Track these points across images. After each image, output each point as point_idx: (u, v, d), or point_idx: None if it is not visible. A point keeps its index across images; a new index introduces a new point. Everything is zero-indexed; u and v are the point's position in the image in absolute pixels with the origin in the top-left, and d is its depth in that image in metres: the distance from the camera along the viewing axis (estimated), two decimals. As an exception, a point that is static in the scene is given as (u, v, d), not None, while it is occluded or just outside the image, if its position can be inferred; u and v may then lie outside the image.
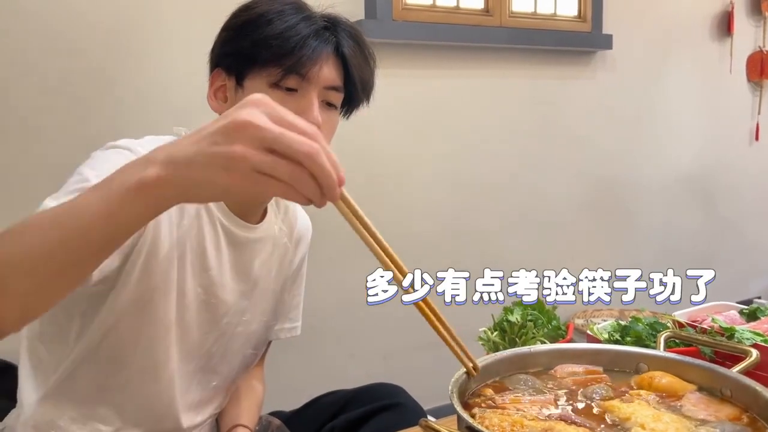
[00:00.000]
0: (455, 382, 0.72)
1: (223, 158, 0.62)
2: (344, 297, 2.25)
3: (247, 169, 0.62)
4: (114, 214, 0.67)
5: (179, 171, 0.65)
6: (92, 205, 0.69)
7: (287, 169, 0.62)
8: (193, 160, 0.64)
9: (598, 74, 2.92)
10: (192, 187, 0.65)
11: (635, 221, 3.14)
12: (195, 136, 0.66)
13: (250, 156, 0.62)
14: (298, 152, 0.62)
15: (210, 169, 0.63)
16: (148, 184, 0.65)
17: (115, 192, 0.67)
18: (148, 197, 0.66)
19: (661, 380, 0.80)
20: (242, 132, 0.62)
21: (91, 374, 1.07)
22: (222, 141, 0.63)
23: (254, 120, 0.62)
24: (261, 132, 0.62)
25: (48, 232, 0.70)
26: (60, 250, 0.69)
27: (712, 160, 3.37)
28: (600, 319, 2.77)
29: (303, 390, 1.55)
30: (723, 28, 3.32)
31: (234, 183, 0.63)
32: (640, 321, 1.22)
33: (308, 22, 1.08)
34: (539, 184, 2.77)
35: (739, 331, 1.15)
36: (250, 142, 0.62)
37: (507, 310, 1.27)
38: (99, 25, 1.82)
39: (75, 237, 0.69)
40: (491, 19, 2.54)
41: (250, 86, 1.08)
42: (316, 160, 0.62)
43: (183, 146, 0.66)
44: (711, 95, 3.32)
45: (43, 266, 0.69)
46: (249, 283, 1.19)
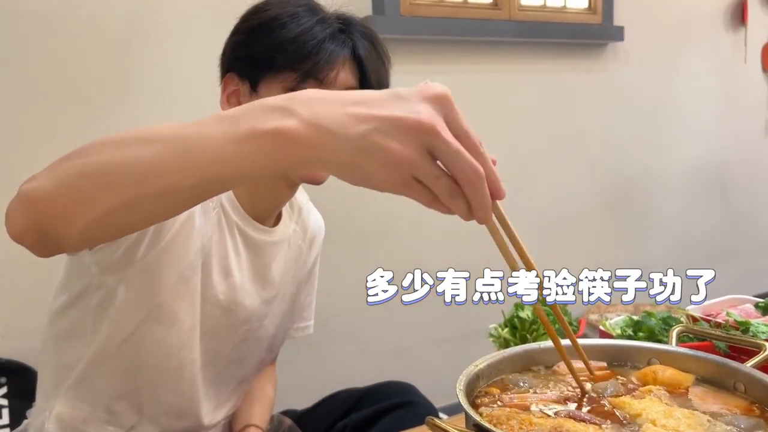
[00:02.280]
0: (463, 380, 0.72)
1: (392, 156, 0.57)
2: (355, 294, 2.24)
3: (409, 174, 0.58)
4: (234, 151, 0.60)
5: (327, 141, 0.58)
6: (214, 135, 0.61)
7: (447, 187, 0.59)
8: (350, 139, 0.57)
9: (610, 67, 2.89)
10: (335, 164, 0.59)
11: (649, 215, 3.11)
12: (353, 108, 0.58)
13: (421, 165, 0.57)
14: (465, 177, 0.58)
15: (370, 159, 0.57)
16: (287, 136, 0.58)
17: (242, 130, 0.60)
18: (277, 150, 0.59)
19: (664, 373, 0.79)
20: (422, 136, 0.57)
21: (112, 376, 1.07)
22: (396, 135, 0.57)
23: (439, 127, 0.57)
24: (442, 144, 0.57)
25: (153, 151, 0.64)
26: (159, 176, 0.63)
27: (727, 152, 3.33)
28: (615, 314, 2.75)
29: (314, 388, 1.55)
30: (737, 18, 3.28)
31: (390, 181, 0.58)
32: (653, 316, 1.20)
33: (323, 24, 1.06)
34: (551, 179, 2.75)
35: (754, 324, 1.13)
36: (425, 148, 0.57)
37: (518, 307, 1.26)
38: (108, 28, 1.82)
39: (179, 168, 0.63)
40: (500, 13, 2.53)
41: (264, 92, 1.06)
42: (477, 188, 0.58)
43: (335, 113, 0.58)
44: (725, 86, 3.28)
45: (134, 185, 0.64)
46: (268, 288, 1.18)
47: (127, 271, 1.00)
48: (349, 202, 2.02)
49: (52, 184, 0.68)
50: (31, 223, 0.70)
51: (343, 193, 1.37)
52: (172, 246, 1.01)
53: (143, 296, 1.02)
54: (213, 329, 1.11)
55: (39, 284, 1.26)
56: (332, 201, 1.44)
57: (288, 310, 1.27)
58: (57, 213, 0.68)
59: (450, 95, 0.59)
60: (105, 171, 0.66)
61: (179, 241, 1.02)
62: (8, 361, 1.73)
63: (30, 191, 0.69)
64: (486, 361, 0.80)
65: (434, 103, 0.58)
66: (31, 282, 1.68)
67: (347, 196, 1.58)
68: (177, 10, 1.91)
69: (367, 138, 0.57)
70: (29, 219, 0.70)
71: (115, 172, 0.65)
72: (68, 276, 1.07)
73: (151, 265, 1.01)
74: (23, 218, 0.70)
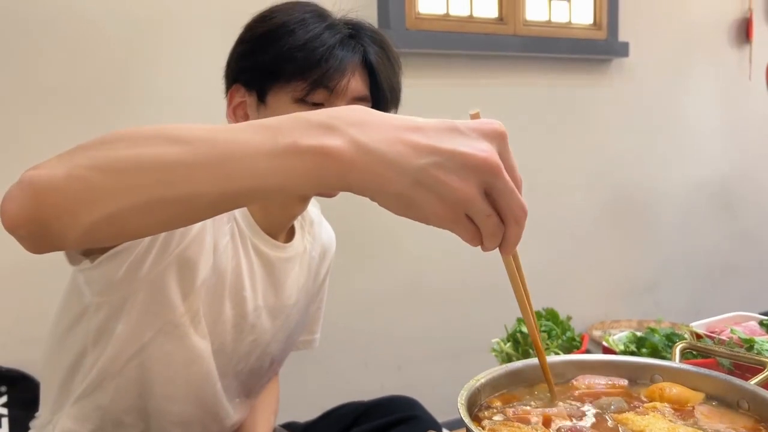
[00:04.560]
0: (464, 394, 0.71)
1: (453, 193, 0.55)
2: (359, 307, 2.25)
3: (462, 211, 0.56)
4: (271, 165, 0.56)
5: (381, 168, 0.55)
6: (250, 145, 0.57)
7: (495, 225, 0.58)
8: (409, 171, 0.54)
9: (615, 82, 2.90)
10: (384, 193, 0.56)
11: (653, 231, 3.10)
12: (410, 136, 0.55)
13: (477, 203, 0.56)
14: (514, 215, 0.58)
15: (427, 193, 0.55)
16: (333, 156, 0.55)
17: (283, 144, 0.56)
18: (318, 169, 0.55)
19: (671, 390, 0.78)
20: (485, 174, 0.55)
21: (119, 392, 1.05)
22: (459, 171, 0.55)
23: (499, 165, 0.56)
24: (501, 184, 0.56)
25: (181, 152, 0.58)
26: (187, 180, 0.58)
27: (732, 169, 3.33)
28: (618, 330, 2.74)
29: (317, 401, 1.54)
30: (741, 34, 3.29)
31: (442, 217, 0.56)
32: (656, 332, 1.20)
33: (332, 30, 1.03)
34: (555, 193, 2.75)
35: (759, 342, 1.12)
36: (483, 186, 0.56)
37: (520, 321, 1.26)
38: (113, 37, 1.83)
39: (209, 174, 0.57)
40: (505, 28, 2.54)
41: (273, 102, 1.04)
42: (521, 226, 0.59)
43: (390, 139, 0.55)
44: (730, 103, 3.29)
45: (155, 186, 0.59)
46: (280, 303, 1.17)
47: (132, 287, 0.98)
48: (355, 215, 2.02)
49: (63, 174, 0.61)
50: (31, 212, 0.62)
51: (348, 205, 1.37)
52: (180, 260, 0.99)
53: (151, 313, 1.00)
54: (223, 344, 1.10)
55: (40, 293, 1.26)
56: (338, 213, 1.44)
57: (298, 323, 1.26)
58: (64, 205, 0.61)
59: (506, 133, 0.58)
60: (126, 168, 0.60)
61: (189, 256, 0.99)
62: (9, 370, 1.73)
63: (36, 178, 0.62)
64: (488, 376, 0.79)
65: (493, 140, 0.57)
66: (33, 291, 1.69)
67: (353, 209, 1.57)
68: (183, 19, 1.93)
69: (428, 172, 0.55)
70: (30, 208, 0.62)
71: (138, 168, 0.59)
72: (68, 297, 1.05)
73: (157, 281, 0.99)
74: (23, 206, 0.62)
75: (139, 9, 1.86)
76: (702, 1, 3.15)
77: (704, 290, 3.23)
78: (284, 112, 0.90)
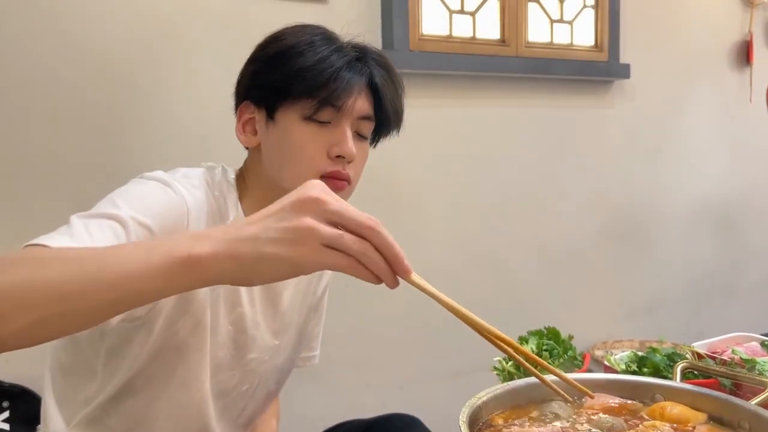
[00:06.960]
0: (465, 412, 0.72)
1: (292, 231, 0.63)
2: (360, 325, 2.24)
3: (315, 242, 0.63)
4: (150, 279, 0.64)
5: (241, 247, 0.64)
6: (129, 264, 0.65)
7: (353, 242, 0.64)
8: (259, 235, 0.64)
9: (617, 104, 2.91)
10: (254, 263, 0.64)
11: (655, 252, 3.10)
12: (256, 217, 0.66)
13: (319, 228, 0.63)
14: (362, 225, 0.64)
15: (278, 243, 0.63)
16: (200, 259, 0.64)
17: (157, 258, 0.64)
18: (194, 272, 0.64)
19: (672, 410, 0.79)
20: (310, 206, 0.64)
21: (123, 412, 1.06)
22: (290, 216, 0.64)
23: (320, 195, 0.64)
24: (327, 205, 0.64)
25: (68, 271, 0.65)
26: (77, 294, 0.65)
27: (733, 190, 3.34)
28: (620, 350, 2.73)
29: (318, 419, 1.54)
30: (742, 57, 3.31)
31: (302, 256, 0.63)
32: (658, 352, 1.20)
33: (340, 53, 1.07)
34: (556, 213, 2.76)
35: (760, 363, 1.13)
36: (319, 216, 0.64)
37: (522, 340, 1.26)
38: (118, 55, 1.85)
39: (96, 287, 0.65)
40: (507, 49, 2.56)
41: (282, 119, 1.07)
42: (380, 231, 0.65)
43: (243, 226, 0.65)
44: (731, 125, 3.30)
45: (51, 303, 0.64)
46: (278, 319, 1.18)
47: (149, 320, 1.01)
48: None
49: None
50: None
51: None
52: None
53: (156, 336, 1.02)
54: (222, 361, 1.10)
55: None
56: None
57: (296, 339, 1.27)
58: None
59: (324, 185, 0.66)
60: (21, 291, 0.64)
61: None
62: (11, 386, 1.73)
63: None
64: (489, 394, 0.80)
65: (313, 189, 0.65)
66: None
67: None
68: (191, 38, 1.95)
69: (270, 228, 0.64)
70: None
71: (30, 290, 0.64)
72: None
73: (174, 309, 1.02)
74: None
75: (147, 30, 1.89)
76: (703, 23, 3.18)
77: (706, 311, 3.22)
78: (293, 129, 0.97)
